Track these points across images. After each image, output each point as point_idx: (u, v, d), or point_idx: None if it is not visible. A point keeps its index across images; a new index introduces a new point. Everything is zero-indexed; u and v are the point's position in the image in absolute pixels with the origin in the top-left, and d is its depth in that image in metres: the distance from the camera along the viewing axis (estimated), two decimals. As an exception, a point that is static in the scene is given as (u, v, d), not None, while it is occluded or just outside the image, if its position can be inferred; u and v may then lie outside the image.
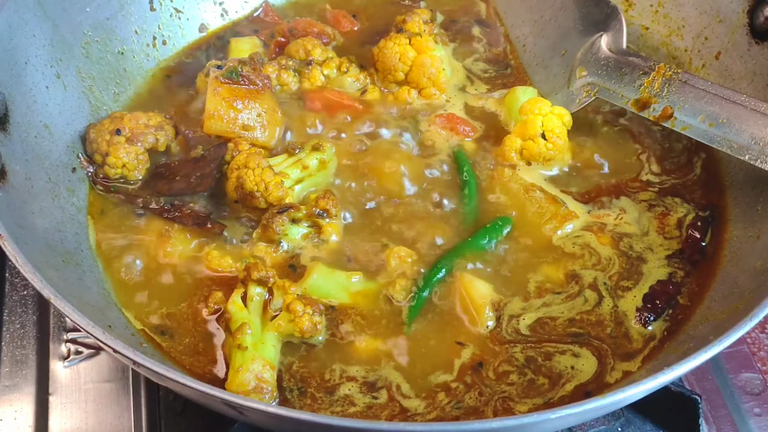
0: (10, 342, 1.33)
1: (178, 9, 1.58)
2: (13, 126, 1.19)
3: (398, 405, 1.07)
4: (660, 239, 1.26)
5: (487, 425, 0.86)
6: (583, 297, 1.19)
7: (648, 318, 1.16)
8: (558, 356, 1.12)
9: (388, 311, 1.17)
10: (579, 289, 1.20)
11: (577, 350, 1.13)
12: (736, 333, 0.91)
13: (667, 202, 1.32)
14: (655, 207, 1.31)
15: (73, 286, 1.13)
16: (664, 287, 1.20)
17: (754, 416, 1.26)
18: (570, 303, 1.18)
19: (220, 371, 1.11)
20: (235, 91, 1.34)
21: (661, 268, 1.22)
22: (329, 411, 1.06)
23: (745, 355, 1.33)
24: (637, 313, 1.17)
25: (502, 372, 1.11)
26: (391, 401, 1.08)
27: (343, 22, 1.65)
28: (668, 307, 1.18)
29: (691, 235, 1.26)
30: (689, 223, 1.28)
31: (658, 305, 1.18)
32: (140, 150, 1.33)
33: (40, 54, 1.29)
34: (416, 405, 1.07)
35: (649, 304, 1.18)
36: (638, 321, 1.16)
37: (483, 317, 1.15)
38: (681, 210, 1.30)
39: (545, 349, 1.13)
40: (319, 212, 1.24)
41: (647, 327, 1.16)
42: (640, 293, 1.19)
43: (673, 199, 1.32)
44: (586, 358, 1.12)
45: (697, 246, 1.25)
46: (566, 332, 1.15)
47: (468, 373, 1.10)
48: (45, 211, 1.20)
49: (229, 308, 1.13)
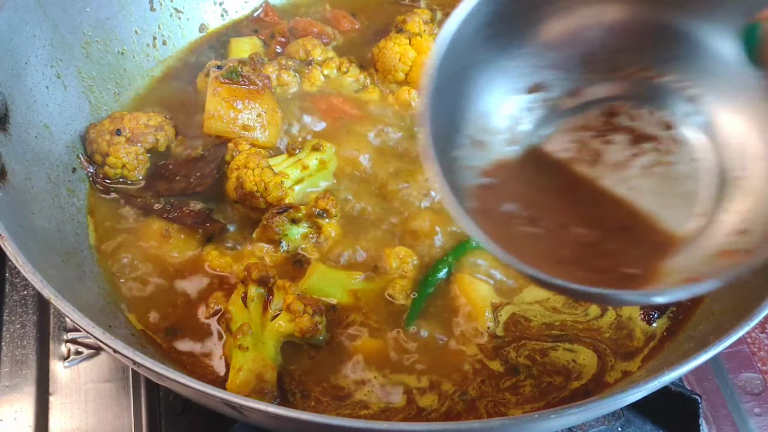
0: (10, 342, 1.33)
1: (178, 9, 1.58)
2: (13, 126, 1.19)
3: (415, 406, 1.07)
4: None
5: (487, 425, 0.86)
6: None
7: (652, 315, 1.17)
8: (558, 353, 1.12)
9: (389, 311, 1.17)
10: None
11: (577, 348, 1.13)
12: (736, 333, 0.91)
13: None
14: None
15: (73, 286, 1.13)
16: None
17: (754, 416, 1.26)
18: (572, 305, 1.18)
19: (221, 371, 1.11)
20: (235, 92, 1.34)
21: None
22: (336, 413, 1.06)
23: (745, 355, 1.33)
24: (642, 310, 1.17)
25: (504, 373, 1.11)
26: (390, 403, 1.08)
27: (343, 22, 1.65)
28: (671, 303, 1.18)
29: None
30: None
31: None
32: (140, 150, 1.33)
33: (40, 54, 1.29)
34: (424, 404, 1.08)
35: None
36: (643, 318, 1.17)
37: (483, 318, 1.15)
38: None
39: (546, 348, 1.13)
40: (319, 212, 1.24)
41: (652, 324, 1.16)
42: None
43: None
44: (586, 354, 1.12)
45: None
46: (567, 332, 1.15)
47: (468, 373, 1.11)
48: (45, 211, 1.20)
49: (230, 308, 1.13)
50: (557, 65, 0.85)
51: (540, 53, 0.84)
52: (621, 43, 0.83)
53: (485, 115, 0.85)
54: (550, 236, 0.80)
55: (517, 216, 0.81)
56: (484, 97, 0.84)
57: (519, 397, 1.08)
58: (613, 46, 0.83)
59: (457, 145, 0.82)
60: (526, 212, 0.82)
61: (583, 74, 0.85)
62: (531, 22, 0.83)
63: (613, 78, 0.85)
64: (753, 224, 0.75)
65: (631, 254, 0.79)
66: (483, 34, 0.80)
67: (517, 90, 0.85)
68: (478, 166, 0.83)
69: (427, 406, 1.08)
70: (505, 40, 0.82)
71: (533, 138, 0.86)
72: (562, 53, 0.84)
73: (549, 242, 0.80)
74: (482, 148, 0.84)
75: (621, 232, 0.81)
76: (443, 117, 0.79)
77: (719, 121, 0.81)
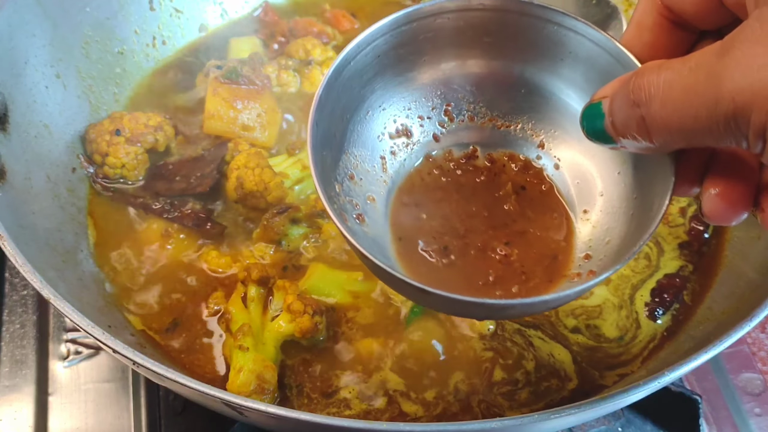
0: (9, 342, 1.33)
1: (177, 9, 1.58)
2: (13, 126, 1.19)
3: (397, 408, 1.07)
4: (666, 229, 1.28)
5: (488, 425, 0.85)
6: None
7: (657, 312, 1.17)
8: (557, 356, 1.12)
9: (388, 311, 1.17)
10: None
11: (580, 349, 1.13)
12: (737, 333, 0.91)
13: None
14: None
15: (73, 286, 1.13)
16: (671, 281, 1.21)
17: (754, 416, 1.26)
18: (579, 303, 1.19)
19: (221, 371, 1.11)
20: (234, 91, 1.34)
21: (673, 261, 1.24)
22: (326, 412, 1.06)
23: (746, 355, 1.33)
24: (646, 307, 1.18)
25: (503, 374, 1.11)
26: (390, 404, 1.08)
27: (342, 22, 1.65)
28: (676, 300, 1.19)
29: (694, 227, 1.28)
30: (692, 215, 1.30)
31: (666, 299, 1.19)
32: (140, 150, 1.33)
33: (40, 54, 1.29)
34: (415, 409, 1.08)
35: (657, 298, 1.19)
36: (648, 316, 1.17)
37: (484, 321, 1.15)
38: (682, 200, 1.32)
39: (547, 350, 1.13)
40: (319, 212, 1.24)
41: (657, 321, 1.17)
42: (646, 291, 1.20)
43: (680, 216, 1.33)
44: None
45: (701, 238, 1.27)
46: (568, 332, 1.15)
47: (468, 374, 1.11)
48: (45, 211, 1.20)
49: (230, 309, 1.13)
50: (424, 112, 0.94)
51: (412, 99, 0.93)
52: (481, 94, 0.93)
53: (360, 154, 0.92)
54: (462, 261, 0.88)
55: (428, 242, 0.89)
56: (359, 136, 0.91)
57: (512, 403, 1.08)
58: (474, 97, 0.94)
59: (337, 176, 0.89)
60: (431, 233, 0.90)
61: (443, 123, 0.95)
62: (410, 65, 0.91)
63: (472, 127, 0.95)
64: (594, 251, 0.86)
65: (534, 262, 0.88)
66: (371, 68, 0.88)
67: (384, 134, 0.93)
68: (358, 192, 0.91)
69: (413, 411, 1.07)
70: (388, 77, 0.90)
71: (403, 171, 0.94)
72: (430, 101, 0.94)
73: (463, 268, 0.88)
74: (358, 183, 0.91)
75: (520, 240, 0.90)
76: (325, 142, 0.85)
77: (564, 163, 0.92)
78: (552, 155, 0.93)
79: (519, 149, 0.94)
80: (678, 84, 0.64)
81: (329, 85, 0.83)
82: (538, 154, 0.93)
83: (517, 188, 0.92)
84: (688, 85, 0.63)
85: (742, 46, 0.60)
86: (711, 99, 0.62)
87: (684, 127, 0.65)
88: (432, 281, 0.80)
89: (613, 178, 0.87)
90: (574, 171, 0.91)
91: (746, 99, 0.60)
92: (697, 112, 0.63)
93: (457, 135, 0.95)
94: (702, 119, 0.63)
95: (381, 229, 0.90)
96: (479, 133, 0.95)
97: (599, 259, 0.85)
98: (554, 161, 0.93)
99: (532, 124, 0.93)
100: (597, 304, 1.18)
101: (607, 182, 0.88)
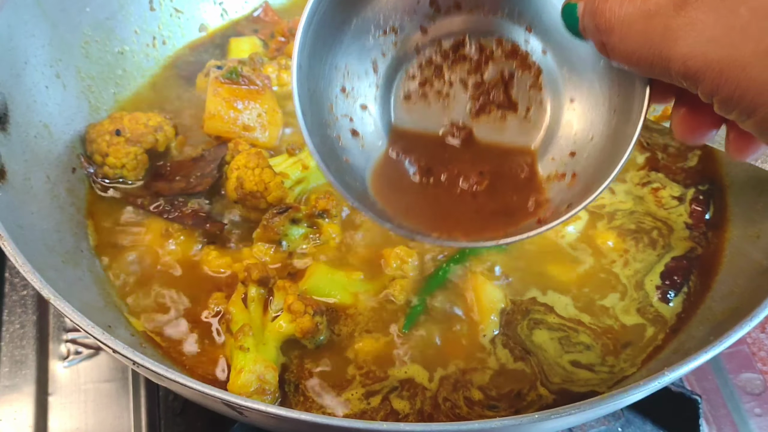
0: (9, 342, 1.33)
1: (177, 9, 1.58)
2: (13, 126, 1.19)
3: (389, 406, 1.08)
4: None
5: (488, 425, 0.85)
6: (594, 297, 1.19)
7: (668, 294, 1.18)
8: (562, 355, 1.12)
9: (389, 311, 1.17)
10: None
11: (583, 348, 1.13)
12: (737, 333, 0.91)
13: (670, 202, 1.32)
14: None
15: (73, 286, 1.13)
16: (678, 263, 1.22)
17: (754, 416, 1.26)
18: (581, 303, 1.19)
19: (221, 372, 1.11)
20: (235, 92, 1.34)
21: (682, 242, 1.26)
22: (326, 412, 1.07)
23: (746, 355, 1.33)
24: (657, 290, 1.19)
25: (504, 376, 1.11)
26: (383, 402, 1.08)
27: (342, 22, 1.65)
28: (686, 282, 1.20)
29: (694, 209, 1.30)
30: (691, 198, 1.31)
31: (676, 280, 1.20)
32: (140, 150, 1.33)
33: (40, 54, 1.29)
34: (403, 405, 1.08)
35: (668, 280, 1.20)
36: (659, 298, 1.18)
37: (487, 321, 1.15)
38: (676, 190, 1.34)
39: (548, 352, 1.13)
40: (319, 212, 1.24)
41: (669, 303, 1.18)
42: (655, 275, 1.21)
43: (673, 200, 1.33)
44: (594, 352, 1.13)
45: (702, 218, 1.29)
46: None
47: (468, 375, 1.11)
48: (44, 211, 1.20)
49: (230, 309, 1.13)
50: (406, 9, 0.95)
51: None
52: None
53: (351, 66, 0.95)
54: (444, 195, 0.92)
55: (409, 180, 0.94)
56: (347, 51, 0.94)
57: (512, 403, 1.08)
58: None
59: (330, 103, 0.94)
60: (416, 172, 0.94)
61: (430, 15, 0.95)
62: None
63: (458, 14, 0.95)
64: (579, 148, 0.89)
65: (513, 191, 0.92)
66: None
67: (374, 35, 0.95)
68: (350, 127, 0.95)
69: (403, 409, 1.07)
70: None
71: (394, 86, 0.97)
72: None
73: (444, 202, 0.92)
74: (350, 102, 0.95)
75: (500, 174, 0.93)
76: (313, 77, 0.89)
77: (551, 48, 0.93)
78: (539, 39, 0.93)
79: (507, 33, 0.94)
80: (636, 26, 0.68)
81: (310, 16, 0.85)
82: (525, 38, 0.93)
83: (505, 78, 0.94)
84: (645, 32, 0.67)
85: (700, 6, 0.63)
86: (664, 55, 0.66)
87: (640, 67, 0.70)
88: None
89: (597, 68, 0.88)
90: (561, 57, 0.92)
91: (698, 66, 0.63)
92: (652, 61, 0.67)
93: (444, 25, 0.96)
94: (656, 68, 0.68)
95: (375, 135, 0.95)
96: (466, 21, 0.95)
97: (583, 158, 0.87)
98: (542, 45, 0.93)
99: (518, 7, 0.93)
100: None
101: (593, 72, 0.88)
